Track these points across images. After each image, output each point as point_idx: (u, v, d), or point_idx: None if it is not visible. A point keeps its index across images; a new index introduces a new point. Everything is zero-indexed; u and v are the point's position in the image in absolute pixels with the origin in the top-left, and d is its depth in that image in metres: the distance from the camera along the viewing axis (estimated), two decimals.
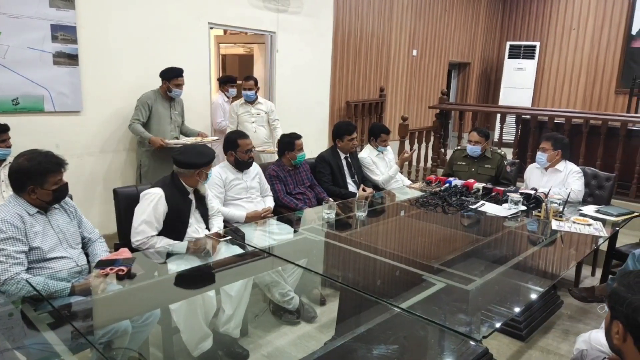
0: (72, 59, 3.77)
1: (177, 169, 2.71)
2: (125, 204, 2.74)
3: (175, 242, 2.65)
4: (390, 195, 3.99)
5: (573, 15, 8.47)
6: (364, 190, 3.98)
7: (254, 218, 3.21)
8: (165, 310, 2.20)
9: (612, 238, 3.35)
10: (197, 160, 2.69)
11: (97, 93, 3.97)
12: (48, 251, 2.14)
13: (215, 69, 6.15)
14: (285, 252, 2.76)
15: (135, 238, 2.59)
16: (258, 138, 4.50)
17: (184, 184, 2.72)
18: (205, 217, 2.87)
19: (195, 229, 2.77)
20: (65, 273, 2.13)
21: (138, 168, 4.05)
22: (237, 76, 5.58)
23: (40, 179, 2.12)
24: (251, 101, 4.61)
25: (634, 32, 7.90)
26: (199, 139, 4.11)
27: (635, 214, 3.34)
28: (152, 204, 2.60)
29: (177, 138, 4.13)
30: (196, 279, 2.47)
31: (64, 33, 3.70)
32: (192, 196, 2.77)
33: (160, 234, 2.65)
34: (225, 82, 5.28)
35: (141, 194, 2.67)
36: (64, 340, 1.76)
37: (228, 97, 5.22)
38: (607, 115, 5.41)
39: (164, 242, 2.61)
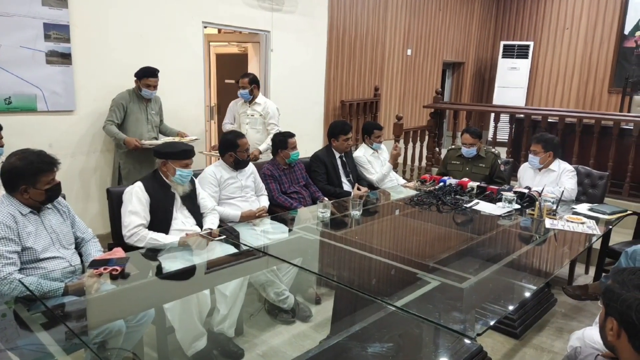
0: (65, 58, 3.75)
1: (156, 159, 2.79)
2: (119, 203, 2.73)
3: (168, 235, 2.65)
4: (385, 194, 4.00)
5: (566, 15, 8.51)
6: (358, 189, 3.99)
7: (249, 217, 3.21)
8: (160, 310, 2.19)
9: (606, 236, 3.37)
10: (162, 149, 2.76)
11: (91, 92, 3.95)
12: (41, 251, 2.13)
13: (206, 68, 6.13)
14: (280, 252, 2.76)
15: (126, 229, 2.60)
16: (250, 139, 4.08)
17: (162, 177, 2.76)
18: (196, 213, 2.87)
19: (182, 222, 2.78)
20: (59, 273, 2.12)
21: (117, 170, 3.98)
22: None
23: (32, 178, 2.11)
24: (247, 101, 4.40)
25: (626, 31, 7.95)
26: (177, 139, 4.01)
27: (628, 212, 3.36)
28: (134, 195, 2.64)
29: (156, 138, 4.05)
30: (191, 279, 2.46)
31: (57, 32, 3.68)
32: (175, 191, 2.79)
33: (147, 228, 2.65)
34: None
35: (123, 194, 2.70)
36: (57, 340, 1.75)
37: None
38: (600, 114, 5.44)
39: (156, 235, 2.61)
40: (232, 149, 3.27)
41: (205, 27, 4.75)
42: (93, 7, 3.87)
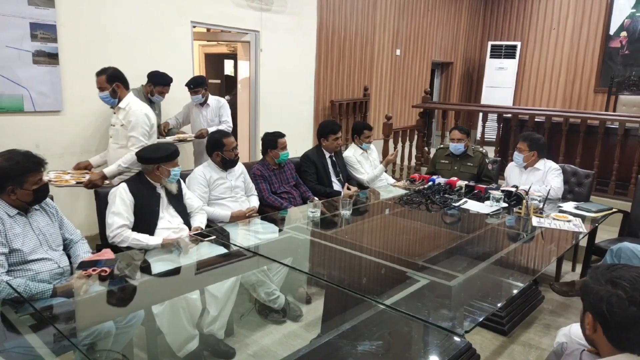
0: (52, 58, 3.71)
1: (140, 164, 2.79)
2: (107, 204, 2.72)
3: (152, 236, 2.65)
4: (375, 194, 4.01)
5: (553, 15, 8.61)
6: (348, 189, 4.00)
7: (239, 217, 3.21)
8: (149, 311, 2.19)
9: (592, 234, 3.42)
10: (153, 154, 2.74)
11: (78, 92, 3.91)
12: (29, 253, 2.11)
13: (196, 68, 6.11)
14: (271, 251, 2.76)
15: (109, 230, 2.60)
16: (109, 158, 3.26)
17: (148, 178, 2.76)
18: (182, 213, 2.88)
19: (168, 221, 2.78)
20: (47, 275, 2.11)
21: None
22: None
23: (19, 178, 2.09)
24: (113, 106, 3.31)
25: (611, 32, 8.06)
26: (180, 137, 4.13)
27: (614, 210, 3.42)
28: (117, 197, 2.64)
29: (157, 138, 4.08)
30: (180, 280, 2.45)
31: (44, 31, 3.65)
32: (161, 191, 2.80)
33: (132, 228, 2.65)
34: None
35: (108, 195, 2.70)
36: (46, 342, 1.74)
37: (198, 103, 4.40)
38: (586, 113, 5.52)
39: (139, 236, 2.62)
40: (218, 148, 3.26)
41: (194, 26, 4.73)
42: (80, 7, 3.84)
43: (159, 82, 3.95)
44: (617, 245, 2.91)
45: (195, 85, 4.26)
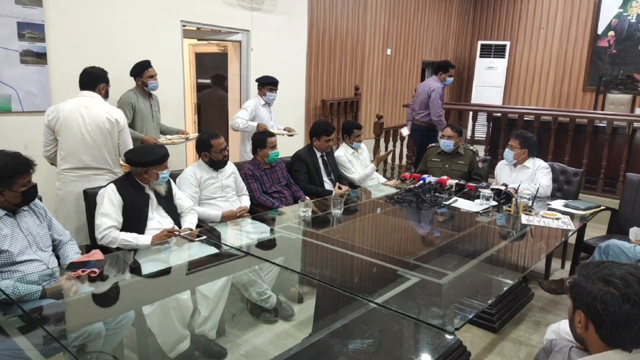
0: (40, 57, 3.68)
1: (130, 166, 2.78)
2: (96, 205, 2.70)
3: (141, 235, 2.64)
4: (366, 193, 4.03)
5: (542, 15, 8.69)
6: (339, 188, 4.01)
7: (230, 217, 3.20)
8: (140, 312, 2.18)
9: (580, 231, 3.46)
10: (141, 159, 2.73)
11: (67, 92, 3.85)
12: (17, 254, 2.09)
13: (186, 67, 6.07)
14: (262, 251, 2.76)
15: (97, 231, 2.59)
16: None
17: (136, 179, 2.76)
18: (173, 213, 2.87)
19: (158, 222, 2.78)
20: (36, 276, 2.09)
21: None
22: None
23: (8, 180, 2.07)
24: None
25: (599, 31, 8.15)
26: (183, 137, 4.12)
27: (602, 207, 3.45)
28: (106, 197, 2.64)
29: (159, 137, 4.08)
30: (171, 280, 2.44)
31: (31, 31, 3.61)
32: (149, 192, 2.79)
33: (121, 229, 2.65)
34: (263, 84, 4.53)
35: (97, 196, 2.69)
36: (35, 344, 1.72)
37: (265, 102, 4.56)
38: (575, 112, 5.57)
39: (127, 236, 2.61)
40: (205, 149, 3.26)
41: (184, 26, 4.71)
42: (69, 6, 3.81)
43: (139, 70, 3.88)
44: (605, 242, 2.94)
45: (276, 84, 4.41)
